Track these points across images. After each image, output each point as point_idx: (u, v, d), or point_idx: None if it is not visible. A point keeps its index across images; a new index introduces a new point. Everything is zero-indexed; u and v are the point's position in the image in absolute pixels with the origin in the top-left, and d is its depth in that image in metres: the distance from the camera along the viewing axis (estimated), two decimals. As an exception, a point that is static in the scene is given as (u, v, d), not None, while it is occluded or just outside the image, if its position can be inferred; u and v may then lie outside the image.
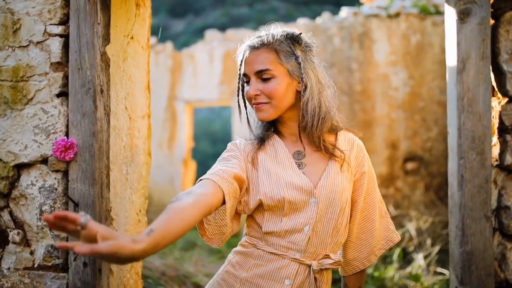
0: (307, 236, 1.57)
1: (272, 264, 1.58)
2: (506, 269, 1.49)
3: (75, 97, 1.71)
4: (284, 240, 1.58)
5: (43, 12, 1.74)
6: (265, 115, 1.60)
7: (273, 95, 1.58)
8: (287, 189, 1.58)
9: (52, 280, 1.72)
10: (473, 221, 1.47)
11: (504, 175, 1.52)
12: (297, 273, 1.58)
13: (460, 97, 1.48)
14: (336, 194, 1.60)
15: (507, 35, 1.49)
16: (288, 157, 1.64)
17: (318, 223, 1.58)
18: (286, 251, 1.58)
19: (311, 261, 1.59)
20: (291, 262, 1.58)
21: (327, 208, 1.59)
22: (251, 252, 1.63)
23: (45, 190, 1.73)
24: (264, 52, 1.59)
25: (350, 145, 1.69)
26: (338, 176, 1.62)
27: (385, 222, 1.76)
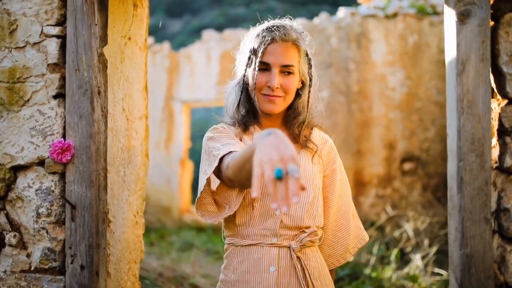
0: (279, 219, 1.59)
1: (252, 256, 1.59)
2: (505, 272, 1.48)
3: (72, 98, 1.69)
4: (258, 229, 1.60)
5: (40, 13, 1.73)
6: (277, 108, 1.62)
7: (289, 90, 1.63)
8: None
9: (49, 283, 1.70)
10: (472, 224, 1.47)
11: (504, 177, 1.52)
12: (279, 258, 1.58)
13: (459, 99, 1.48)
14: (307, 179, 1.64)
15: (507, 37, 1.49)
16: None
17: (291, 206, 1.58)
18: (262, 239, 1.59)
19: (289, 242, 1.60)
20: (270, 248, 1.59)
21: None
22: (232, 251, 1.65)
23: (42, 193, 1.71)
24: (291, 47, 1.62)
25: (323, 142, 1.75)
26: (308, 165, 1.67)
27: (356, 222, 1.82)
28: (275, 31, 1.61)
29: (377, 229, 6.13)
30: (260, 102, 1.63)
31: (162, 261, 5.05)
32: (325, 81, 7.23)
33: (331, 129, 7.08)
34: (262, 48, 1.60)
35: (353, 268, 5.04)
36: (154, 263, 4.73)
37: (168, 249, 5.91)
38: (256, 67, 1.60)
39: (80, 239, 1.68)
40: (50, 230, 1.71)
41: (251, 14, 22.50)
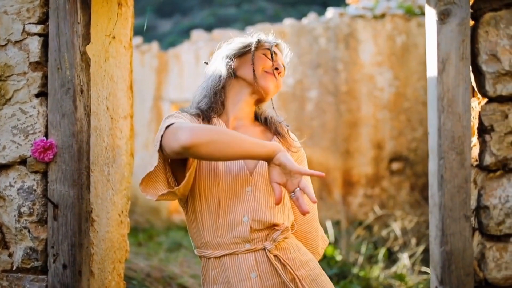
0: (248, 226, 1.57)
1: (229, 266, 1.57)
2: (485, 269, 1.50)
3: (54, 97, 1.69)
4: (227, 238, 1.57)
5: (21, 11, 1.72)
6: (274, 89, 1.72)
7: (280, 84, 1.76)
8: (224, 175, 1.58)
9: (31, 282, 1.69)
10: (452, 221, 1.48)
11: (484, 175, 1.53)
12: (257, 262, 1.57)
13: (440, 98, 1.49)
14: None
15: (486, 36, 1.50)
16: None
17: (258, 212, 1.58)
18: (235, 247, 1.57)
19: (263, 243, 1.59)
20: (245, 255, 1.57)
21: (265, 197, 1.60)
22: (206, 264, 1.62)
23: (23, 192, 1.70)
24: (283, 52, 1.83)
25: (296, 149, 1.76)
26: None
27: (317, 225, 1.85)
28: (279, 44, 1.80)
29: (365, 228, 6.16)
30: (264, 79, 1.69)
31: (150, 261, 5.03)
32: (314, 81, 7.26)
33: (319, 129, 7.11)
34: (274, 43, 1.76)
35: (341, 268, 5.07)
36: (142, 264, 4.71)
37: (156, 250, 5.89)
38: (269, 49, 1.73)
39: (63, 238, 1.67)
40: (32, 230, 1.70)
41: (241, 14, 22.48)
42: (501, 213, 1.49)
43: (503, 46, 1.48)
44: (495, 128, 1.50)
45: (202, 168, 1.60)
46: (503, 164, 1.50)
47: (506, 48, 1.48)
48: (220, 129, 1.51)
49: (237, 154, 1.46)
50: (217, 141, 1.43)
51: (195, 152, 1.43)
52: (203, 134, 1.43)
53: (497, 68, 1.49)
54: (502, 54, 1.48)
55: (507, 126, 1.49)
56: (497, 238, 1.51)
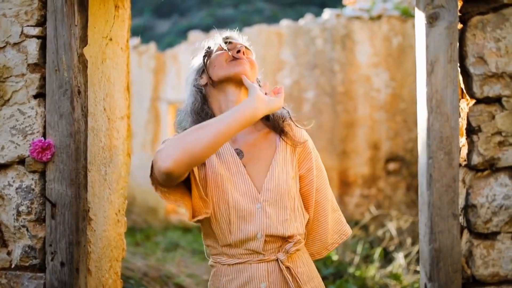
0: (261, 241, 1.59)
1: (241, 275, 1.59)
2: (473, 266, 1.54)
3: (52, 98, 1.72)
4: (242, 249, 1.60)
5: (20, 14, 1.75)
6: (245, 69, 1.65)
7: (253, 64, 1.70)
8: (233, 194, 1.58)
9: (29, 280, 1.73)
10: (441, 219, 1.52)
11: (472, 175, 1.57)
12: (268, 273, 1.59)
13: (428, 99, 1.53)
14: (282, 196, 1.61)
15: (474, 39, 1.54)
16: (232, 154, 1.65)
17: (271, 228, 1.59)
18: (249, 257, 1.60)
19: (276, 255, 1.60)
20: (258, 264, 1.59)
21: (276, 211, 1.60)
22: (219, 270, 1.64)
23: (22, 191, 1.74)
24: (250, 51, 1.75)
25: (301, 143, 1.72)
26: (282, 176, 1.64)
27: (337, 216, 1.80)
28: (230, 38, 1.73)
29: (361, 228, 6.20)
30: (230, 70, 1.65)
31: (147, 261, 5.06)
32: (311, 82, 7.30)
33: (316, 129, 7.14)
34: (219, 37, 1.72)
35: (337, 267, 5.10)
36: (139, 263, 4.74)
37: (154, 249, 5.93)
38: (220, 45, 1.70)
39: (60, 236, 1.70)
40: (30, 228, 1.73)
41: (239, 15, 22.51)
42: (488, 212, 1.53)
43: (490, 49, 1.52)
44: (482, 128, 1.53)
45: (210, 188, 1.61)
46: (490, 164, 1.54)
47: (493, 50, 1.52)
48: (190, 129, 1.48)
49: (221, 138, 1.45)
50: (192, 143, 1.42)
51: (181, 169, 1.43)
52: (175, 149, 1.42)
53: (484, 70, 1.53)
54: (489, 57, 1.52)
55: (494, 127, 1.53)
56: (485, 236, 1.55)
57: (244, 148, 1.67)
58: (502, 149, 1.53)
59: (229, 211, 1.58)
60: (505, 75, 1.52)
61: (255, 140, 1.69)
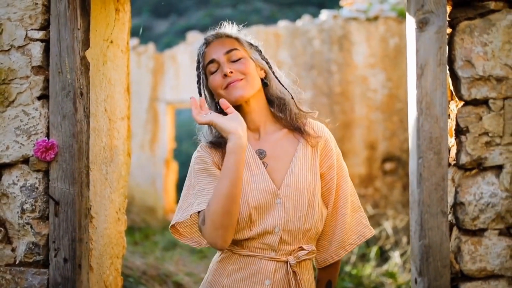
0: (278, 236, 1.62)
1: (249, 267, 1.63)
2: (461, 261, 1.60)
3: (55, 99, 1.77)
4: (257, 242, 1.63)
5: (24, 18, 1.81)
6: (242, 91, 1.64)
7: (246, 71, 1.65)
8: (253, 194, 1.63)
9: (33, 276, 1.78)
10: (430, 217, 1.58)
11: (460, 174, 1.63)
12: (275, 271, 1.62)
13: (418, 101, 1.59)
14: (301, 191, 1.64)
15: (462, 43, 1.60)
16: (253, 155, 1.68)
17: (288, 222, 1.63)
18: (261, 252, 1.63)
19: (287, 257, 1.64)
20: (268, 261, 1.63)
21: (294, 206, 1.64)
22: (228, 257, 1.68)
23: (26, 189, 1.79)
24: (226, 39, 1.70)
25: (318, 135, 1.73)
26: (302, 172, 1.66)
27: (358, 217, 1.78)
28: (208, 34, 1.72)
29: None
30: (229, 95, 1.64)
31: (146, 259, 5.12)
32: (308, 82, 7.36)
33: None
34: (202, 52, 1.70)
35: (334, 266, 5.16)
36: (138, 262, 4.80)
37: (152, 248, 5.98)
38: (206, 72, 1.69)
39: (63, 233, 1.76)
40: (34, 225, 1.79)
41: (237, 15, 22.55)
42: (476, 209, 1.60)
43: (477, 53, 1.59)
44: (470, 129, 1.60)
45: None
46: (477, 163, 1.60)
47: (480, 54, 1.58)
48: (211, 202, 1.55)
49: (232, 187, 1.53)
50: (222, 216, 1.53)
51: (230, 236, 1.57)
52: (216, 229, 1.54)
53: (471, 73, 1.59)
54: (476, 60, 1.59)
55: (481, 128, 1.59)
56: (472, 232, 1.61)
57: (267, 147, 1.70)
58: (489, 149, 1.59)
59: (250, 211, 1.62)
60: (491, 78, 1.58)
61: (277, 139, 1.72)
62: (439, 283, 1.57)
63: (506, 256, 1.58)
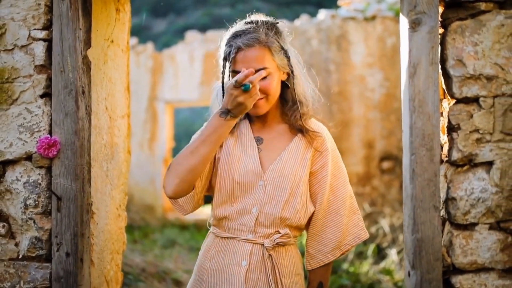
0: (255, 216, 1.69)
1: (228, 248, 1.71)
2: (453, 254, 1.65)
3: (58, 97, 1.82)
4: (236, 223, 1.71)
5: (27, 18, 1.85)
6: (261, 110, 1.71)
7: (269, 91, 1.68)
8: (239, 170, 1.71)
9: (36, 269, 1.82)
10: (423, 211, 1.63)
11: (452, 170, 1.68)
12: (251, 253, 1.69)
13: (411, 99, 1.64)
14: (285, 178, 1.70)
15: (454, 43, 1.65)
16: (251, 139, 1.76)
17: (266, 205, 1.69)
18: (239, 233, 1.70)
19: (263, 240, 1.69)
20: (245, 243, 1.69)
21: (275, 190, 1.70)
22: (211, 240, 1.78)
23: (29, 185, 1.84)
24: (258, 49, 1.65)
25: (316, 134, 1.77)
26: (290, 162, 1.72)
27: (355, 219, 1.81)
28: (239, 37, 1.66)
29: (355, 225, 6.29)
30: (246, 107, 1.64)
31: (145, 257, 5.16)
32: (306, 82, 7.38)
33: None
34: (231, 57, 1.65)
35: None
36: (138, 259, 4.84)
37: (152, 246, 6.02)
38: (230, 76, 1.68)
39: (66, 228, 1.80)
40: (37, 221, 1.83)
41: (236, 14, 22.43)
42: (467, 204, 1.64)
43: (468, 52, 1.64)
44: (461, 126, 1.65)
45: (221, 163, 1.74)
46: (469, 159, 1.65)
47: (471, 54, 1.63)
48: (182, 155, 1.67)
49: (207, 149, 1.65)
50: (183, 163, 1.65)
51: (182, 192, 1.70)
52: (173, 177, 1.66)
53: (462, 72, 1.64)
54: (467, 60, 1.63)
55: (472, 125, 1.64)
56: (464, 227, 1.66)
57: (266, 136, 1.78)
58: (479, 146, 1.64)
59: (233, 186, 1.71)
60: (482, 76, 1.63)
61: (277, 132, 1.78)
62: (431, 276, 1.62)
63: (496, 250, 1.63)
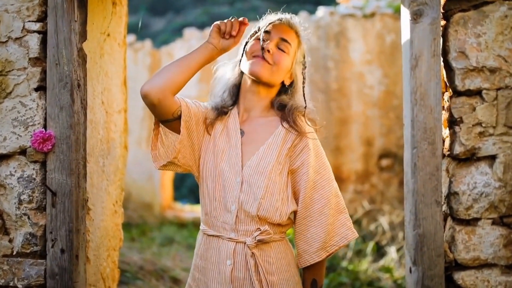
0: (234, 214, 1.67)
1: (214, 246, 1.70)
2: (455, 250, 1.62)
3: (52, 91, 1.78)
4: (218, 221, 1.70)
5: (21, 9, 1.81)
6: (261, 71, 1.69)
7: (279, 63, 1.71)
8: (222, 163, 1.71)
9: (31, 266, 1.79)
10: (425, 206, 1.60)
11: (454, 164, 1.65)
12: (235, 252, 1.67)
13: (413, 92, 1.60)
14: (260, 174, 1.67)
15: (456, 35, 1.62)
16: (236, 130, 1.75)
17: (243, 203, 1.66)
18: (223, 231, 1.69)
19: (245, 238, 1.67)
20: (228, 242, 1.68)
21: (251, 188, 1.67)
22: (201, 238, 1.77)
23: (23, 180, 1.80)
24: (294, 34, 1.76)
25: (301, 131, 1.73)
26: (267, 158, 1.69)
27: (342, 218, 1.74)
28: (284, 16, 1.77)
29: (354, 223, 6.27)
30: (249, 64, 1.70)
31: (143, 255, 5.13)
32: (305, 79, 7.36)
33: (310, 126, 7.19)
34: (268, 22, 1.75)
35: (330, 261, 5.18)
36: (135, 257, 4.81)
37: (149, 244, 5.99)
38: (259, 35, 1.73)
39: (61, 224, 1.77)
40: (31, 216, 1.80)
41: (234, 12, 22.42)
42: (469, 199, 1.61)
43: (471, 44, 1.60)
44: (464, 119, 1.61)
45: (207, 153, 1.75)
46: (471, 153, 1.62)
47: (474, 46, 1.60)
48: (166, 67, 1.72)
49: (185, 71, 1.70)
50: (162, 74, 1.69)
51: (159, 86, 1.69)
52: (153, 77, 1.71)
53: (465, 64, 1.61)
54: (470, 52, 1.60)
55: (475, 118, 1.61)
56: (466, 222, 1.63)
57: (247, 129, 1.76)
58: (482, 139, 1.61)
59: (216, 179, 1.71)
60: (485, 69, 1.60)
61: (258, 125, 1.76)
62: (433, 272, 1.59)
63: (499, 245, 1.60)
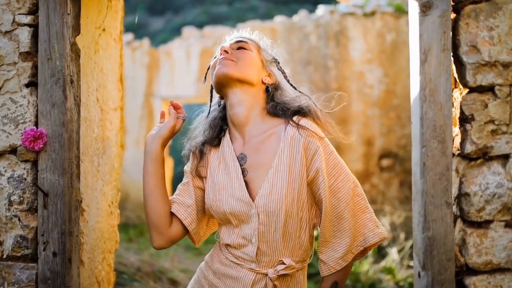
0: (255, 247, 1.58)
1: (232, 272, 1.62)
2: (466, 254, 1.54)
3: (44, 87, 1.70)
4: (239, 251, 1.61)
5: (11, 1, 1.73)
6: (226, 69, 1.62)
7: (243, 57, 1.66)
8: (228, 201, 1.60)
9: (21, 270, 1.71)
10: (434, 208, 1.52)
11: (465, 164, 1.57)
12: (253, 283, 1.58)
13: (422, 88, 1.53)
14: (275, 202, 1.55)
15: (467, 28, 1.54)
16: (233, 159, 1.64)
17: (265, 233, 1.57)
18: (243, 261, 1.61)
19: (267, 270, 1.58)
20: (248, 272, 1.59)
21: (270, 217, 1.56)
22: (218, 254, 1.69)
23: (14, 180, 1.72)
24: (250, 41, 1.73)
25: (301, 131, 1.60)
26: (279, 181, 1.56)
27: (362, 219, 1.62)
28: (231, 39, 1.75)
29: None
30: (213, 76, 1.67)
31: (140, 256, 5.05)
32: (304, 78, 7.29)
33: (310, 125, 7.13)
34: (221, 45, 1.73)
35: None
36: (133, 258, 4.73)
37: (147, 245, 5.91)
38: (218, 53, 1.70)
39: (53, 226, 1.69)
40: (22, 218, 1.72)
41: (233, 12, 22.42)
42: (481, 200, 1.54)
43: (483, 38, 1.53)
44: (475, 117, 1.54)
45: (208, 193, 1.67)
46: (483, 152, 1.54)
47: (486, 39, 1.52)
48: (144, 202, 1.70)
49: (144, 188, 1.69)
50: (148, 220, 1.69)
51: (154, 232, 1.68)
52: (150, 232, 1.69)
53: (477, 59, 1.53)
54: (482, 46, 1.52)
55: (487, 115, 1.53)
56: (478, 224, 1.55)
57: (249, 152, 1.64)
58: (495, 138, 1.54)
59: (228, 217, 1.62)
60: (498, 63, 1.52)
61: (258, 143, 1.63)
62: (443, 277, 1.51)
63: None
